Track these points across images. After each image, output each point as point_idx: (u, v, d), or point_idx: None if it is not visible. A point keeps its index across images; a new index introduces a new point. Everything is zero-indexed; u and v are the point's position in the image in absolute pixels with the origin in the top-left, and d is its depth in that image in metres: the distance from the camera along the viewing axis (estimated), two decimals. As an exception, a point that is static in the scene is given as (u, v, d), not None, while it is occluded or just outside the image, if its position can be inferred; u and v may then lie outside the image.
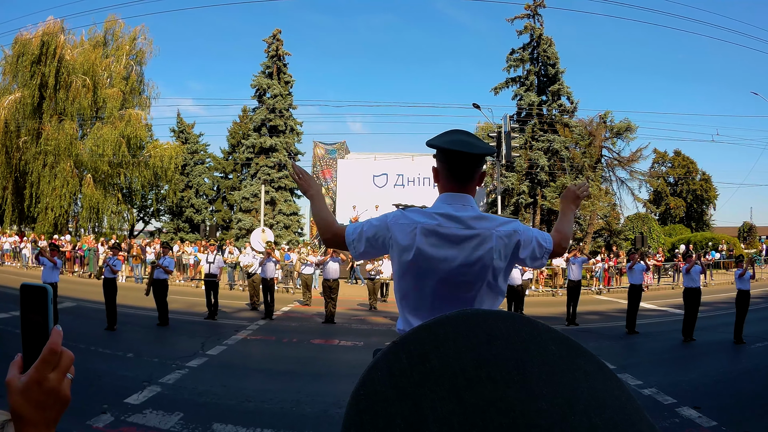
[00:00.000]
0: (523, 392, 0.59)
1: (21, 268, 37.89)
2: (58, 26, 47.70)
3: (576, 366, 0.64)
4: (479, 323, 0.68)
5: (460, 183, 3.36)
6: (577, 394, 0.60)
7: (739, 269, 17.36)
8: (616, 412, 0.60)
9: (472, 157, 3.31)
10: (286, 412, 9.70)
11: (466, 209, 3.30)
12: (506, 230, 3.28)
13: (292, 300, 27.68)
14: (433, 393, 0.59)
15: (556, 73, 46.79)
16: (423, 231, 3.26)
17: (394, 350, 0.68)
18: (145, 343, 16.32)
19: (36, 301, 1.34)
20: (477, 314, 0.70)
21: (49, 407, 1.31)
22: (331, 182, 51.90)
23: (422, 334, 0.68)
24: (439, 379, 0.61)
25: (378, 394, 0.63)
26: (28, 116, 47.00)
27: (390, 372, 0.65)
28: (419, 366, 0.63)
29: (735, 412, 9.69)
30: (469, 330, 0.67)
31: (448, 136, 3.39)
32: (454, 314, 0.70)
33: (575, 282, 21.24)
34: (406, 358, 0.65)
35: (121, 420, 8.82)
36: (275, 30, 54.65)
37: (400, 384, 0.62)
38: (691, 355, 15.43)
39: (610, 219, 45.62)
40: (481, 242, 3.21)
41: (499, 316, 0.70)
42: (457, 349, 0.64)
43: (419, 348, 0.66)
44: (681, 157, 67.32)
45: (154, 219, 60.01)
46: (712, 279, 36.36)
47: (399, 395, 0.61)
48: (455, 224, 3.25)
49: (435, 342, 0.66)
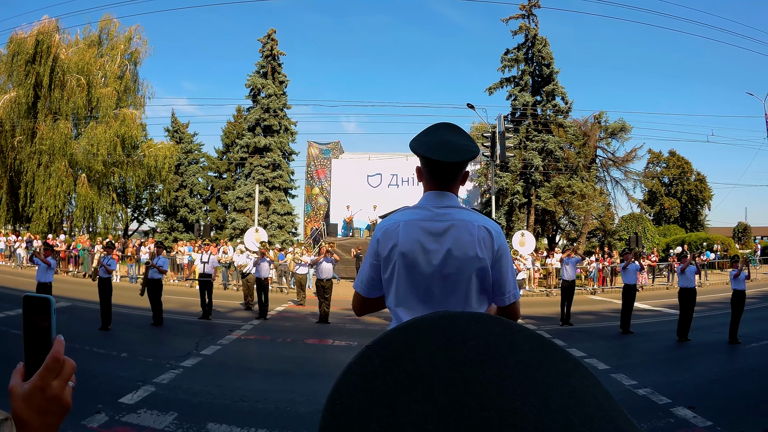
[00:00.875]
0: (497, 392, 0.59)
1: (15, 268, 37.79)
2: (53, 25, 47.70)
3: (551, 364, 0.65)
4: (452, 324, 0.69)
5: (442, 185, 3.37)
6: (552, 392, 0.60)
7: (734, 269, 17.36)
8: (592, 409, 0.60)
9: (452, 164, 3.28)
10: (280, 412, 9.70)
11: (447, 205, 3.31)
12: (488, 225, 3.28)
13: (287, 300, 27.68)
14: (408, 395, 0.60)
15: (551, 73, 46.86)
16: (405, 226, 3.29)
17: (367, 354, 0.67)
18: (140, 343, 16.31)
19: (39, 312, 1.35)
20: (450, 316, 0.71)
21: (51, 413, 1.33)
22: (325, 182, 52.07)
23: (395, 337, 0.68)
24: (413, 382, 0.61)
25: (352, 398, 0.62)
26: (22, 116, 46.95)
27: (363, 376, 0.64)
28: (393, 369, 0.64)
29: (730, 412, 9.70)
30: (442, 332, 0.67)
31: (430, 136, 3.36)
32: (427, 316, 0.71)
33: (569, 282, 21.23)
34: (380, 362, 0.65)
35: (115, 420, 8.81)
36: (270, 30, 54.79)
37: (374, 387, 0.62)
38: (686, 355, 15.45)
39: (605, 219, 45.71)
40: (461, 232, 3.21)
41: (472, 317, 0.71)
42: (431, 351, 0.65)
43: (392, 351, 0.66)
44: (676, 158, 67.43)
45: (148, 219, 59.91)
46: (707, 279, 36.37)
47: (373, 399, 0.61)
48: (436, 217, 3.26)
49: (408, 344, 0.66)
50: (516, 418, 0.56)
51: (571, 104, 47.53)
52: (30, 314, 1.35)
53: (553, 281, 32.89)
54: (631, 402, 10.34)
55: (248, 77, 54.04)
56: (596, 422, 0.58)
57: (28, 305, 1.35)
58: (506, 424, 0.55)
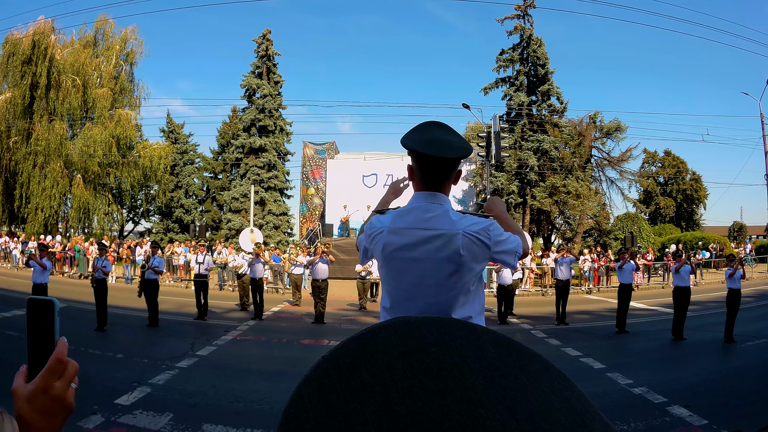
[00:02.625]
0: (460, 401, 0.56)
1: (11, 269, 37.75)
2: (48, 26, 47.65)
3: (519, 368, 0.63)
4: (411, 331, 0.66)
5: (433, 184, 3.34)
6: (520, 399, 0.58)
7: (729, 268, 17.39)
8: (564, 414, 0.58)
9: (446, 161, 3.26)
10: (276, 412, 9.68)
11: (437, 208, 3.29)
12: (475, 229, 3.25)
13: (282, 300, 27.68)
14: (365, 407, 0.57)
15: (546, 73, 46.90)
16: (389, 233, 3.31)
17: (323, 366, 0.65)
18: (135, 344, 16.31)
19: (42, 314, 1.37)
20: (408, 322, 0.68)
21: (55, 414, 1.34)
22: (320, 182, 52.04)
23: (351, 346, 0.66)
24: (370, 393, 0.59)
25: (308, 412, 0.60)
26: (18, 116, 46.95)
27: (319, 388, 0.62)
28: (348, 380, 0.61)
29: (725, 410, 9.72)
30: (400, 339, 0.65)
31: (422, 133, 3.30)
32: (385, 323, 0.69)
33: (564, 281, 21.29)
34: (335, 372, 0.63)
35: (111, 421, 8.81)
36: (265, 30, 54.68)
37: (330, 400, 0.60)
38: (681, 354, 15.47)
39: (600, 219, 45.81)
40: (446, 242, 3.20)
41: (433, 322, 0.68)
42: (389, 359, 0.62)
43: (348, 361, 0.64)
44: (671, 157, 67.48)
45: (143, 219, 60.05)
46: (702, 278, 36.41)
47: (329, 412, 0.59)
48: (422, 224, 3.26)
49: (365, 353, 0.64)
50: (479, 429, 0.53)
51: (566, 104, 47.56)
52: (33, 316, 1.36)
53: (549, 281, 32.92)
54: (626, 401, 10.37)
55: (243, 78, 53.95)
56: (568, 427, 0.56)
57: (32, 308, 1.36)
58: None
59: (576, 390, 0.63)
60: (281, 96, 55.28)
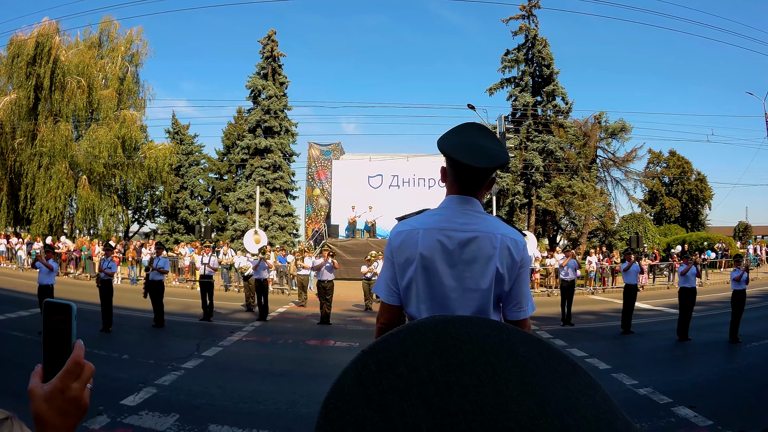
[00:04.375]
0: (493, 396, 0.58)
1: (16, 270, 37.77)
2: (53, 27, 47.62)
3: (548, 367, 0.64)
4: (447, 329, 0.68)
5: (467, 189, 3.23)
6: (548, 396, 0.59)
7: (736, 270, 17.33)
8: (590, 411, 0.59)
9: (483, 170, 3.12)
10: (281, 413, 9.71)
11: (471, 212, 3.19)
12: (513, 236, 3.18)
13: (288, 301, 27.67)
14: (402, 400, 0.59)
15: (551, 73, 46.87)
16: (425, 234, 3.17)
17: (363, 359, 0.67)
18: (141, 345, 16.34)
19: (60, 317, 1.39)
20: (445, 320, 0.69)
21: (71, 414, 1.39)
22: (325, 183, 52.04)
23: (391, 341, 0.68)
24: (408, 386, 0.60)
25: (347, 403, 0.62)
26: (23, 117, 46.93)
27: (359, 380, 0.64)
28: (387, 373, 0.63)
29: (730, 411, 9.71)
30: (437, 336, 0.66)
31: (460, 136, 3.17)
32: (422, 321, 0.70)
33: (569, 282, 21.25)
34: (375, 366, 0.65)
35: (117, 421, 8.82)
36: (270, 31, 54.77)
37: (369, 392, 0.62)
38: (686, 354, 15.45)
39: (606, 219, 45.72)
40: (484, 244, 3.11)
41: (467, 321, 0.70)
42: (426, 355, 0.64)
43: (387, 356, 0.66)
44: (676, 157, 67.34)
45: (149, 220, 60.07)
46: (708, 279, 36.30)
47: (368, 403, 0.61)
48: (459, 226, 3.15)
49: (403, 349, 0.66)
50: (511, 422, 0.55)
51: (571, 105, 47.62)
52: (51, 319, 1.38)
53: (554, 281, 32.87)
54: (632, 402, 10.35)
55: (248, 78, 54.05)
56: (593, 424, 0.57)
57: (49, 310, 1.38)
58: (501, 428, 0.54)
59: (601, 390, 0.63)
60: (286, 97, 55.35)
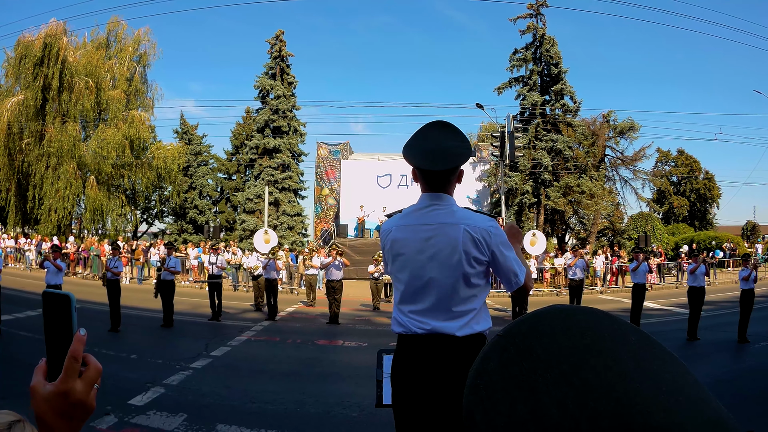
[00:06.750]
0: (618, 377, 0.66)
1: (24, 270, 37.89)
2: (60, 28, 47.71)
3: (654, 354, 0.72)
4: (569, 317, 0.75)
5: (435, 188, 3.52)
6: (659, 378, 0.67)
7: (744, 269, 17.29)
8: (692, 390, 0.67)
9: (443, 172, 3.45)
10: (289, 412, 9.70)
11: (439, 207, 3.50)
12: (476, 225, 3.40)
13: (297, 301, 27.74)
14: (545, 379, 0.66)
15: (559, 72, 46.76)
16: (396, 231, 3.56)
17: (502, 343, 0.74)
18: (149, 345, 16.38)
19: (59, 309, 1.35)
20: (566, 309, 0.77)
21: (75, 417, 1.33)
22: (334, 183, 51.97)
23: (522, 328, 0.75)
24: (548, 367, 0.68)
25: (495, 383, 0.70)
26: (30, 118, 47.05)
27: (501, 363, 0.72)
28: (527, 356, 0.70)
29: (739, 411, 9.61)
30: (563, 323, 0.74)
31: (420, 140, 3.50)
32: (547, 309, 0.78)
33: (577, 281, 21.22)
34: (514, 350, 0.72)
35: (124, 421, 8.83)
36: (278, 31, 54.72)
37: (513, 373, 0.69)
38: (694, 354, 15.40)
39: (614, 218, 45.70)
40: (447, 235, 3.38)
41: (583, 310, 0.77)
42: (557, 340, 0.71)
43: (524, 340, 0.73)
44: (684, 156, 67.17)
45: (157, 220, 60.19)
46: (716, 278, 36.24)
47: (514, 383, 0.68)
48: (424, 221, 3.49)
49: (536, 334, 0.73)
50: (639, 398, 0.63)
51: (579, 103, 47.46)
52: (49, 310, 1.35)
53: (563, 281, 32.82)
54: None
55: (257, 78, 54.03)
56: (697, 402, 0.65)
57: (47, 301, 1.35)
58: (632, 403, 0.62)
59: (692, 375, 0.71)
60: (295, 97, 55.29)
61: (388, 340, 16.28)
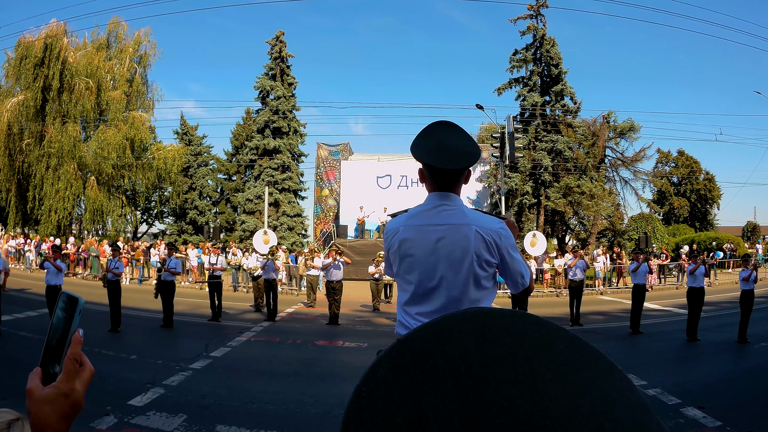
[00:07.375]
0: (529, 392, 0.57)
1: (25, 271, 37.87)
2: (61, 29, 47.67)
3: (585, 366, 0.63)
4: (486, 321, 0.67)
5: (444, 188, 3.47)
6: (584, 395, 0.59)
7: (745, 270, 17.30)
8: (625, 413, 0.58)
9: (454, 171, 3.40)
10: (289, 413, 9.71)
11: (449, 207, 3.44)
12: (487, 227, 3.38)
13: (297, 301, 27.72)
14: (436, 392, 0.58)
15: (559, 73, 46.72)
16: (404, 230, 3.47)
17: (398, 348, 0.66)
18: (149, 345, 16.39)
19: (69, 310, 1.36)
20: (484, 312, 0.68)
21: (72, 416, 1.35)
22: (334, 183, 51.99)
23: (427, 332, 0.66)
24: (443, 378, 0.60)
25: (380, 391, 0.62)
26: (31, 119, 46.97)
27: (393, 369, 0.64)
28: (423, 364, 0.62)
29: (739, 411, 9.69)
30: (475, 328, 0.65)
31: (429, 139, 3.44)
32: (461, 312, 0.69)
33: (578, 282, 21.21)
34: (410, 356, 0.64)
35: (124, 422, 8.83)
36: (278, 32, 54.66)
37: (403, 382, 0.61)
38: (695, 354, 15.43)
39: (614, 219, 45.62)
40: (458, 236, 3.34)
41: (507, 314, 0.69)
42: (463, 347, 0.63)
43: (424, 346, 0.64)
44: (684, 157, 67.19)
45: (157, 221, 60.16)
46: (716, 279, 36.22)
47: (401, 393, 0.60)
48: (434, 221, 3.40)
49: (440, 340, 0.64)
50: (545, 420, 0.55)
51: (579, 104, 47.41)
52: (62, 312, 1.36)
53: (563, 282, 32.82)
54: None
55: (257, 79, 53.99)
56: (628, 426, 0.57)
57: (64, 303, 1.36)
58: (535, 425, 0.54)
59: (637, 393, 0.62)
60: (295, 97, 55.26)
61: (388, 341, 16.23)
